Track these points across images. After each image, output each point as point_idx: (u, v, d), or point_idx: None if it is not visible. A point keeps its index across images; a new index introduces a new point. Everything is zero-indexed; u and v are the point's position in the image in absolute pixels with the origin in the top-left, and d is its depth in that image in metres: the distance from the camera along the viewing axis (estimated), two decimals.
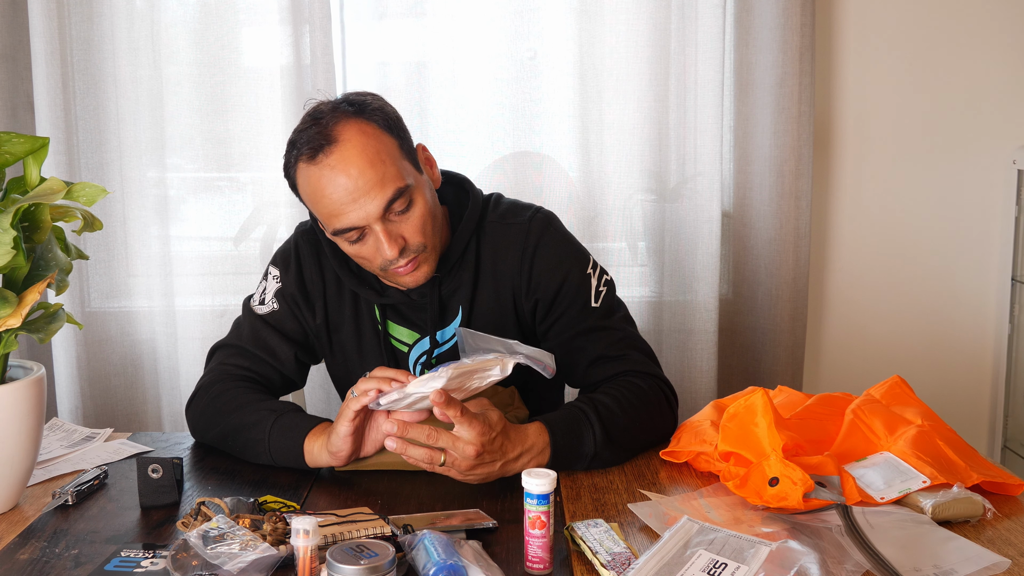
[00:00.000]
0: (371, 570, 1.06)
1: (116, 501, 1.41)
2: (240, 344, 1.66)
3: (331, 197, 1.45)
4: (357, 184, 1.43)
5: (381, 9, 2.42)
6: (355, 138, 1.45)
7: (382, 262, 1.50)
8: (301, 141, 1.47)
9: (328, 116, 1.47)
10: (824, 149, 2.57)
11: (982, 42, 2.54)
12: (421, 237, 1.50)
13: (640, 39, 2.38)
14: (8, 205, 1.27)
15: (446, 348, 1.64)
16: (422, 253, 1.51)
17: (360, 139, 1.45)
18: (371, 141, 1.45)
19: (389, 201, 1.45)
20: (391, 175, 1.45)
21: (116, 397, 2.46)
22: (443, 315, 1.63)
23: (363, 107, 1.48)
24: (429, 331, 1.62)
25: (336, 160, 1.44)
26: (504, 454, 1.38)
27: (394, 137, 1.49)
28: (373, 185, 1.44)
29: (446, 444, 1.34)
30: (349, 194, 1.44)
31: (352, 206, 1.44)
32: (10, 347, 1.33)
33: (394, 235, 1.47)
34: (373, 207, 1.44)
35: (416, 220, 1.49)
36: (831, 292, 2.64)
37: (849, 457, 1.43)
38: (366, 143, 1.45)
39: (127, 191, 2.40)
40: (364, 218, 1.45)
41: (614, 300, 1.66)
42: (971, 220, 2.61)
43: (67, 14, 2.32)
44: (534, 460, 1.42)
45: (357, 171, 1.43)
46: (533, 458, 1.42)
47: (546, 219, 1.64)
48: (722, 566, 1.08)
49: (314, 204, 1.49)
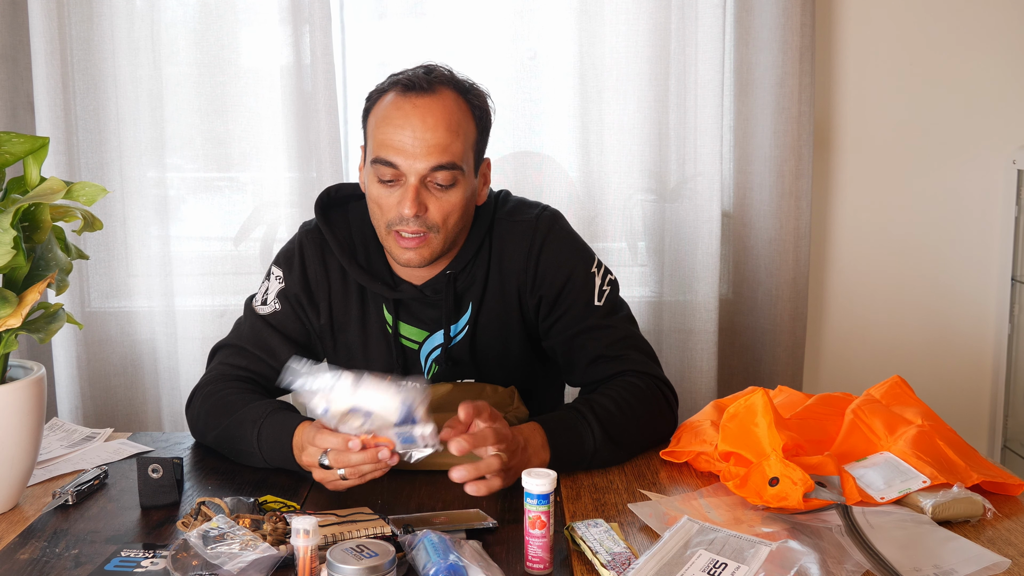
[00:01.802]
0: (371, 570, 1.06)
1: (116, 501, 1.41)
2: (240, 344, 1.66)
3: (397, 127, 1.49)
4: (424, 135, 1.48)
5: (381, 9, 2.42)
6: (448, 102, 1.51)
7: (395, 217, 1.51)
8: (405, 75, 1.53)
9: (438, 73, 1.54)
10: (824, 149, 2.57)
11: (981, 42, 2.54)
12: (441, 219, 1.52)
13: (640, 39, 2.38)
14: (8, 205, 1.27)
15: (455, 343, 1.64)
16: (433, 233, 1.53)
17: (452, 105, 1.51)
18: (458, 115, 1.52)
19: (439, 166, 1.49)
20: (454, 150, 1.50)
21: (116, 397, 2.46)
22: (456, 311, 1.64)
23: (468, 90, 1.55)
24: (444, 325, 1.62)
25: (423, 104, 1.49)
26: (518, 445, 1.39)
27: (476, 129, 1.55)
28: (435, 144, 1.48)
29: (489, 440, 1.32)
30: (413, 136, 1.49)
31: (409, 148, 1.49)
32: (10, 347, 1.33)
33: (421, 199, 1.50)
34: (423, 163, 1.49)
35: (447, 204, 1.52)
36: (831, 292, 2.64)
37: (849, 457, 1.43)
38: (454, 111, 1.51)
39: (127, 191, 2.40)
40: (409, 166, 1.49)
41: (617, 300, 1.66)
42: (971, 220, 2.61)
43: (67, 14, 2.32)
44: (535, 457, 1.42)
45: (433, 123, 1.49)
46: (534, 454, 1.42)
47: (553, 217, 1.66)
48: (722, 566, 1.08)
49: (377, 126, 1.52)
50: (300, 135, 2.39)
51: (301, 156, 2.40)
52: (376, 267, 1.64)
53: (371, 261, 1.64)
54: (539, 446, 1.43)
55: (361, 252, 1.65)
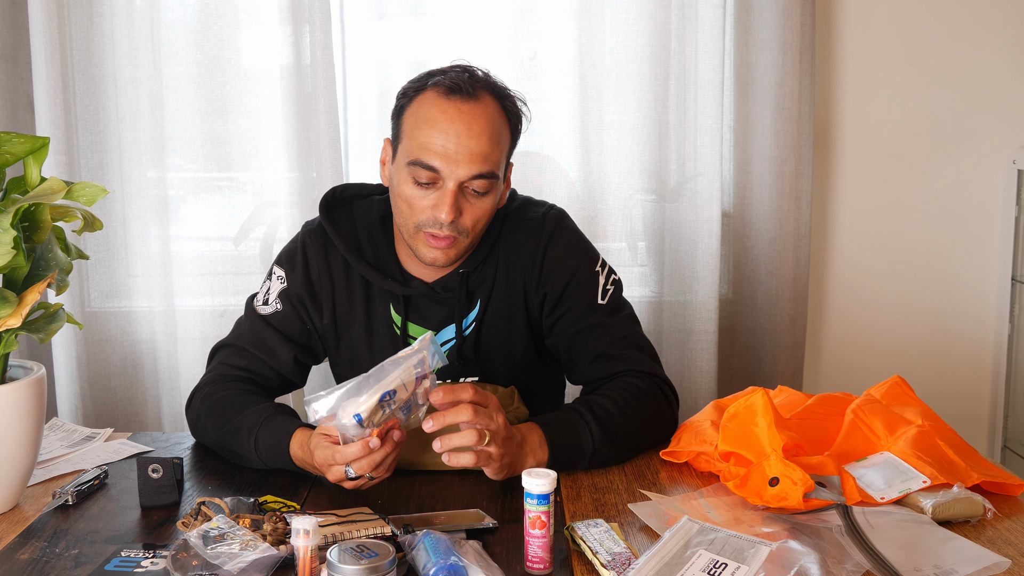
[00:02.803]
0: (371, 570, 1.06)
1: (116, 501, 1.41)
2: (240, 344, 1.66)
3: (440, 131, 1.48)
4: (469, 142, 1.48)
5: (381, 9, 2.42)
6: (491, 111, 1.51)
7: (428, 219, 1.51)
8: (446, 75, 1.52)
9: (479, 77, 1.53)
10: (824, 149, 2.57)
11: (982, 42, 2.54)
12: (472, 224, 1.53)
13: (640, 39, 2.38)
14: (8, 205, 1.27)
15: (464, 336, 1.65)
16: (463, 237, 1.54)
17: (494, 114, 1.52)
18: (499, 123, 1.52)
19: (479, 175, 1.49)
20: (494, 159, 1.51)
21: (116, 397, 2.46)
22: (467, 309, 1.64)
23: (506, 97, 1.55)
24: (457, 321, 1.63)
25: (467, 109, 1.49)
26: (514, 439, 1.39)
27: (511, 136, 1.56)
28: (478, 152, 1.49)
29: (473, 417, 1.32)
30: (456, 143, 1.48)
31: (452, 154, 1.48)
32: (10, 347, 1.33)
33: (458, 205, 1.51)
34: (465, 170, 1.49)
35: (480, 209, 1.53)
36: (831, 292, 2.64)
37: (849, 457, 1.43)
38: (495, 119, 1.52)
39: (127, 191, 2.40)
40: (451, 172, 1.49)
41: (620, 299, 1.67)
42: (971, 220, 2.61)
43: (67, 14, 2.32)
44: (532, 456, 1.43)
45: (478, 131, 1.49)
46: (531, 452, 1.43)
47: (559, 215, 1.67)
48: (722, 566, 1.08)
49: (417, 126, 1.51)
50: (300, 135, 2.39)
51: (301, 156, 2.40)
52: (385, 264, 1.64)
53: (379, 258, 1.64)
54: (536, 445, 1.44)
55: (368, 250, 1.64)
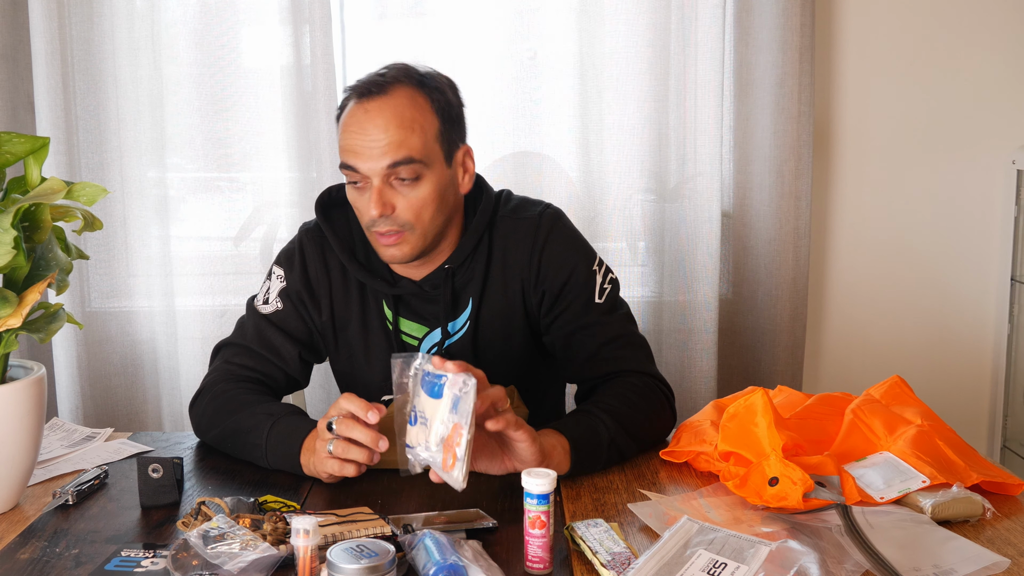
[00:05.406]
0: (371, 570, 1.07)
1: (116, 501, 1.41)
2: (245, 343, 1.66)
3: (353, 133, 1.52)
4: (377, 136, 1.50)
5: (381, 9, 2.42)
6: (401, 100, 1.52)
7: (369, 219, 1.54)
8: (360, 82, 1.56)
9: (392, 73, 1.55)
10: (824, 149, 2.57)
11: (982, 42, 2.54)
12: (411, 216, 1.53)
13: (640, 39, 2.38)
14: (8, 205, 1.27)
15: (455, 339, 1.65)
16: (408, 231, 1.54)
17: (404, 102, 1.52)
18: (412, 109, 1.52)
19: (395, 163, 1.50)
20: (411, 144, 1.51)
21: (116, 397, 2.46)
22: (454, 306, 1.65)
23: (426, 81, 1.56)
24: (442, 321, 1.63)
25: (375, 107, 1.51)
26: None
27: (439, 119, 1.55)
28: (389, 143, 1.50)
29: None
30: (367, 139, 1.50)
31: (364, 151, 1.50)
32: (10, 347, 1.33)
33: (386, 199, 1.52)
34: (378, 163, 1.50)
35: (415, 199, 1.53)
36: (831, 292, 2.64)
37: (849, 457, 1.43)
38: (406, 107, 1.52)
39: (127, 191, 2.40)
40: (368, 167, 1.51)
41: (617, 298, 1.68)
42: (971, 220, 2.61)
43: (67, 14, 2.32)
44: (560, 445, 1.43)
45: (383, 123, 1.50)
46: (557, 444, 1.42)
47: (556, 215, 1.68)
48: (722, 566, 1.08)
49: (340, 133, 1.56)
50: (300, 135, 2.39)
51: (301, 156, 2.40)
52: (375, 264, 1.65)
53: (371, 258, 1.65)
54: (553, 436, 1.44)
55: (361, 249, 1.66)
